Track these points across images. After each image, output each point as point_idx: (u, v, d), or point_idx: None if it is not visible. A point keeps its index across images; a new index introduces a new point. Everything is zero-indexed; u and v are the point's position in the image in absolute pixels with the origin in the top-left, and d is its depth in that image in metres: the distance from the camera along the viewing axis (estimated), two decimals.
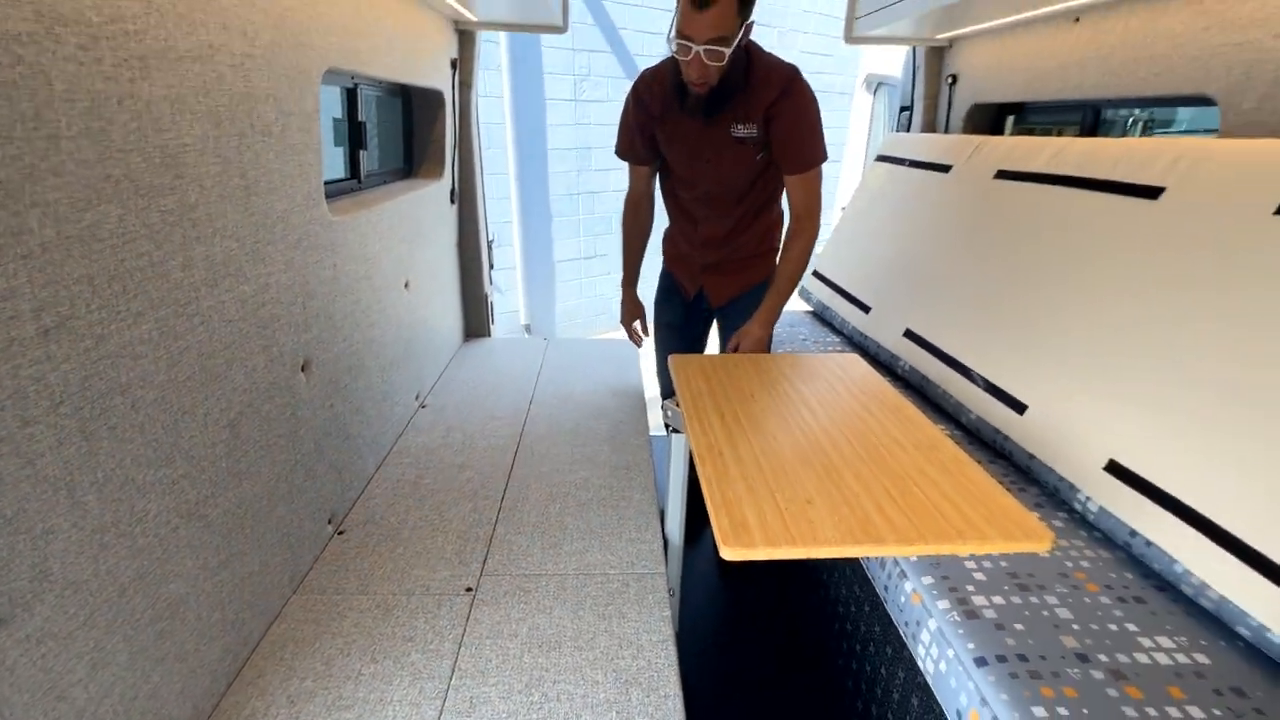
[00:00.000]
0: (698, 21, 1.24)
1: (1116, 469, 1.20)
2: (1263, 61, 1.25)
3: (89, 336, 0.75)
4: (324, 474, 1.38)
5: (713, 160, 1.53)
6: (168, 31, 0.83)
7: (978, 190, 1.85)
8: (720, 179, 1.57)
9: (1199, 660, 0.95)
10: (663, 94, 1.53)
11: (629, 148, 1.67)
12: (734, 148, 1.49)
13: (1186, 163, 1.26)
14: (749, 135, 1.47)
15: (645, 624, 1.20)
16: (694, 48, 1.27)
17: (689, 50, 1.29)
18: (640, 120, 1.60)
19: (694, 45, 1.27)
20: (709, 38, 1.26)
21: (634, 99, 1.61)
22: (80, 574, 0.75)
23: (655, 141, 1.62)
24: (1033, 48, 1.91)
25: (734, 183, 1.58)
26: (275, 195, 1.13)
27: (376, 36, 1.54)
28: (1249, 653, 0.97)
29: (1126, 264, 1.31)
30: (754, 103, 1.45)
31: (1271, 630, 0.93)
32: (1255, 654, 0.96)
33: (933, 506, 0.92)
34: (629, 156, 1.70)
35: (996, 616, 1.04)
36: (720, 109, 1.44)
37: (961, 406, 1.63)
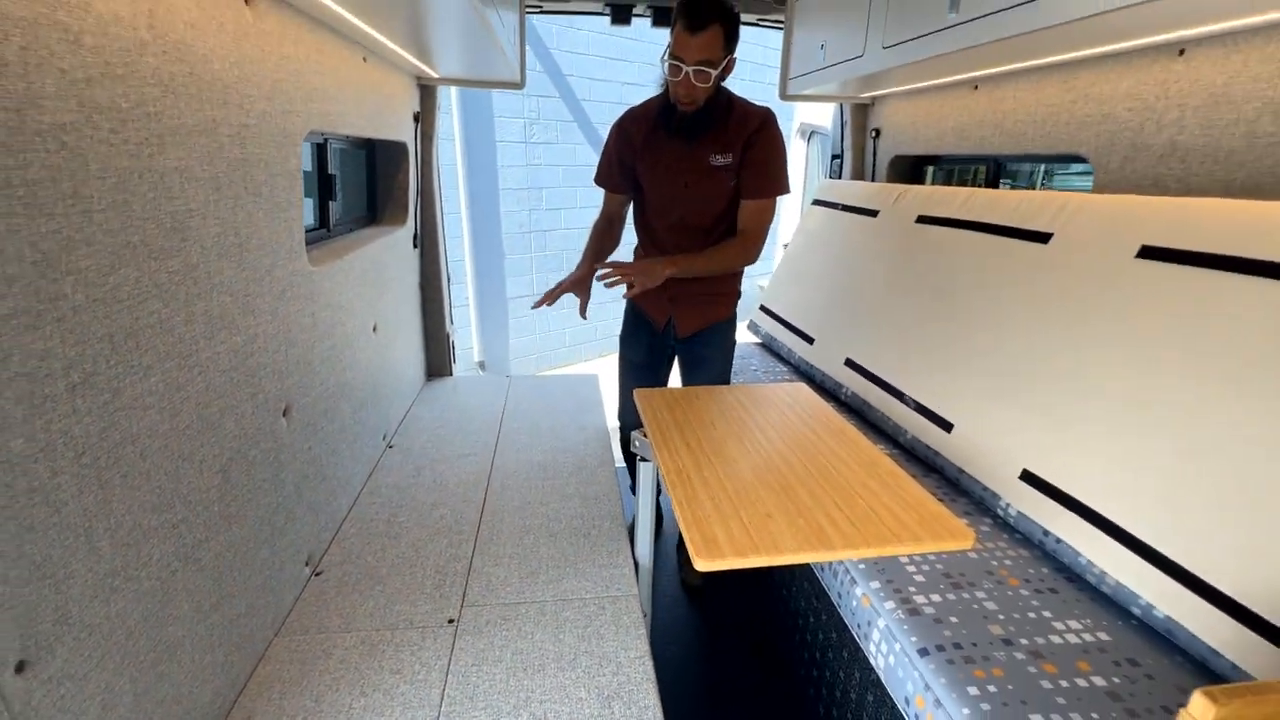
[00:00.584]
0: (689, 44, 1.44)
1: (1029, 477, 1.38)
2: (1120, 130, 1.50)
3: (107, 390, 0.80)
4: (302, 515, 1.41)
5: (691, 185, 1.69)
6: (180, 110, 0.91)
7: (902, 232, 2.07)
8: (696, 205, 1.72)
9: (1102, 638, 1.11)
10: (647, 127, 1.71)
11: (608, 175, 1.83)
12: (711, 174, 1.67)
13: (1068, 213, 1.49)
14: (726, 164, 1.65)
15: (622, 643, 1.28)
16: (684, 68, 1.46)
17: (680, 70, 1.47)
18: (621, 152, 1.76)
19: (685, 65, 1.46)
20: (698, 59, 1.45)
21: (618, 131, 1.78)
22: (94, 617, 0.79)
23: (632, 174, 1.78)
24: (942, 109, 2.17)
25: (708, 209, 1.73)
26: (264, 250, 1.19)
27: (349, 98, 1.63)
28: (1141, 629, 1.13)
29: (1027, 297, 1.52)
30: (732, 136, 1.64)
31: (1157, 608, 1.10)
32: (1146, 629, 1.13)
33: (874, 515, 1.05)
34: (606, 184, 1.85)
35: (935, 612, 1.18)
36: (703, 131, 1.61)
37: (899, 428, 1.80)
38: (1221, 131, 1.28)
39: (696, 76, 1.47)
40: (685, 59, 1.46)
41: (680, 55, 1.46)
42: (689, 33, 1.43)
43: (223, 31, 1.02)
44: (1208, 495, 1.06)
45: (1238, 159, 1.25)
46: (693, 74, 1.46)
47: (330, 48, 1.49)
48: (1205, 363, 1.12)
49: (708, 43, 1.43)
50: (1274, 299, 1.05)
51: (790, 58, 2.47)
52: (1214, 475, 1.06)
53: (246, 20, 1.09)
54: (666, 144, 1.68)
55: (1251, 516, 0.99)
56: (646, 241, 1.92)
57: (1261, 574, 0.96)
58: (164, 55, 0.87)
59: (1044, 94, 1.72)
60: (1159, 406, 1.17)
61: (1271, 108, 1.18)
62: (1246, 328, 1.07)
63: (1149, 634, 1.12)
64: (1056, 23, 1.17)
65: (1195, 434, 1.10)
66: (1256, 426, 1.02)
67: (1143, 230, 1.29)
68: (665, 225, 1.80)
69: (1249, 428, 1.02)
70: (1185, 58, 1.33)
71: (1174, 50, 1.36)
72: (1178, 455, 1.12)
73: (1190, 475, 1.09)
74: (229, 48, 1.04)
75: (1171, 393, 1.15)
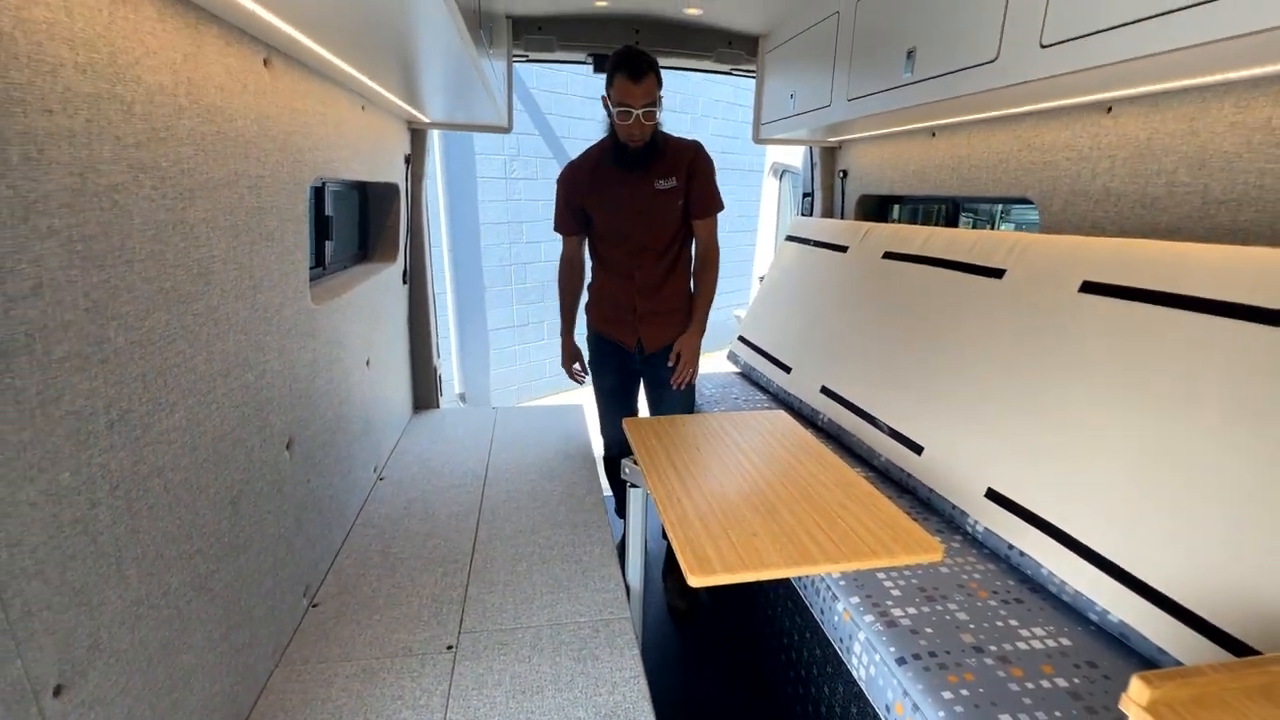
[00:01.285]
0: (634, 91, 1.70)
1: (994, 495, 1.48)
2: (1061, 176, 1.65)
3: (139, 426, 0.85)
4: (301, 547, 1.45)
5: (645, 210, 1.92)
6: (209, 167, 0.98)
7: (870, 267, 2.21)
8: (651, 227, 1.94)
9: (1063, 643, 1.20)
10: (590, 171, 1.95)
11: (564, 221, 2.05)
12: (660, 197, 1.91)
13: (1018, 251, 1.63)
14: (671, 187, 1.90)
15: (617, 664, 1.33)
16: (634, 111, 1.72)
17: (630, 114, 1.73)
18: (570, 198, 1.99)
19: (634, 109, 1.72)
20: (644, 103, 1.72)
21: (565, 181, 2.00)
22: (121, 643, 0.82)
23: (583, 216, 2.01)
24: (904, 154, 2.34)
25: (663, 230, 1.95)
26: (274, 291, 1.26)
27: (348, 145, 1.72)
28: (1099, 633, 1.23)
29: (984, 328, 1.65)
30: (672, 163, 1.89)
31: (1111, 613, 1.19)
32: (1102, 634, 1.22)
33: (852, 532, 1.14)
34: (564, 229, 2.07)
35: (911, 623, 1.26)
36: (650, 160, 1.86)
37: (873, 451, 1.91)
38: (1147, 180, 1.43)
39: (645, 117, 1.73)
40: (633, 104, 1.71)
41: (628, 102, 1.71)
42: (632, 81, 1.68)
43: (246, 92, 1.10)
44: (1151, 507, 1.17)
45: (1161, 205, 1.40)
46: (642, 115, 1.73)
47: (333, 99, 1.59)
48: (1143, 388, 1.24)
49: (648, 88, 1.70)
50: (1199, 330, 1.18)
51: (762, 105, 2.64)
52: (1155, 489, 1.17)
53: (265, 80, 1.18)
54: (614, 180, 1.91)
55: (1188, 524, 1.10)
56: (608, 271, 2.08)
57: (1196, 575, 1.07)
58: (198, 118, 0.95)
59: (994, 142, 1.88)
60: (1105, 428, 1.29)
61: (1186, 161, 1.34)
62: (1177, 356, 1.20)
63: (1105, 638, 1.21)
64: (997, 86, 1.31)
65: (1137, 452, 1.22)
66: (1189, 443, 1.13)
67: (1084, 267, 1.43)
68: (624, 252, 1.99)
69: (1188, 446, 1.14)
70: (1113, 115, 1.50)
71: (1103, 108, 1.52)
72: (1124, 472, 1.23)
73: (1135, 490, 1.20)
74: (251, 106, 1.12)
75: (1115, 415, 1.27)
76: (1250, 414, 1.06)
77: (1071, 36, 1.15)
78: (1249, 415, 1.06)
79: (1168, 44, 1.00)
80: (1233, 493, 1.05)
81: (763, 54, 2.62)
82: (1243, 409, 1.07)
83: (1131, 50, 1.05)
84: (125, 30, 0.78)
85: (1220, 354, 1.13)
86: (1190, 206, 1.34)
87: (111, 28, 0.76)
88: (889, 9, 1.72)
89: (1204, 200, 1.32)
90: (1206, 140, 1.30)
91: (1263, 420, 1.04)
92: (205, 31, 0.97)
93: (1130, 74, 1.25)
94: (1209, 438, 1.11)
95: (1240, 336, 1.11)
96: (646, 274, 2.01)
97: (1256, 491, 1.02)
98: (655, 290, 2.03)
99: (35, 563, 0.68)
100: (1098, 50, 1.11)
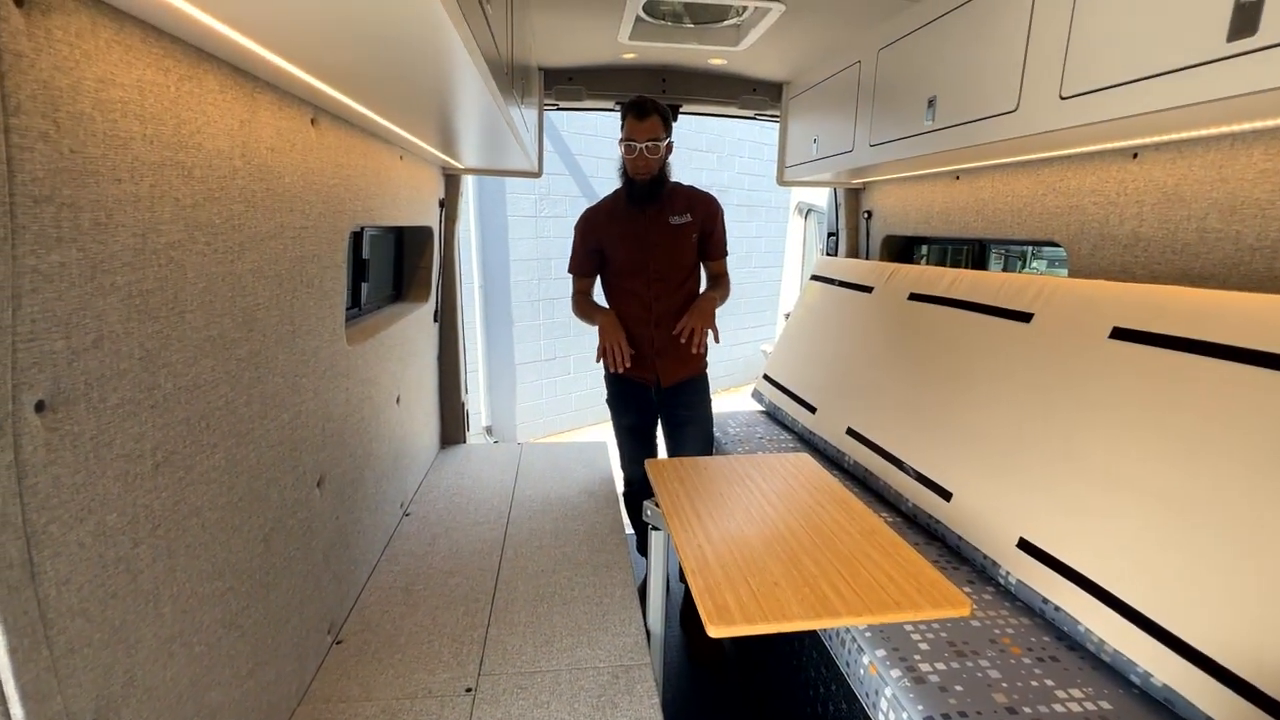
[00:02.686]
0: (639, 128, 1.94)
1: (1026, 546, 1.44)
2: (1089, 220, 1.64)
3: (181, 468, 0.90)
4: (328, 584, 1.47)
5: (659, 242, 2.07)
6: (257, 221, 1.04)
7: (896, 308, 2.20)
8: (668, 257, 2.08)
9: (1103, 706, 1.15)
10: (608, 213, 2.11)
11: (581, 263, 2.19)
12: (674, 231, 2.07)
13: (1046, 295, 1.61)
14: (685, 222, 2.08)
15: (635, 712, 1.31)
16: (638, 145, 1.94)
17: (634, 148, 1.94)
18: (587, 240, 2.14)
19: (638, 144, 1.94)
20: (647, 138, 1.93)
21: (582, 226, 2.16)
22: (154, 680, 0.85)
23: (599, 258, 2.15)
24: (928, 196, 2.35)
25: (678, 260, 2.09)
26: (311, 335, 1.31)
27: (385, 193, 1.81)
28: (1141, 698, 1.17)
29: (1012, 372, 1.62)
30: (684, 204, 2.07)
31: (1154, 676, 1.14)
32: (1145, 698, 1.17)
33: (875, 583, 1.12)
34: (579, 271, 2.21)
35: (940, 680, 1.21)
36: (659, 194, 2.02)
37: (900, 495, 1.87)
38: (1177, 226, 1.41)
39: (649, 151, 1.94)
40: (637, 139, 1.94)
41: (633, 137, 1.94)
42: (638, 120, 1.93)
43: (294, 150, 1.18)
44: (1191, 563, 1.12)
45: (1192, 251, 1.38)
46: (645, 150, 1.94)
47: (373, 150, 1.67)
48: (1175, 438, 1.20)
49: (651, 126, 1.93)
50: (1234, 380, 1.15)
51: (786, 148, 2.69)
52: (1189, 543, 1.12)
53: (312, 138, 1.26)
54: (631, 217, 2.07)
55: (1236, 584, 1.05)
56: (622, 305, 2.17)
57: (1239, 636, 1.01)
58: (250, 177, 1.01)
59: (1017, 186, 1.88)
60: (1137, 479, 1.25)
61: (1217, 207, 1.32)
62: (1210, 405, 1.17)
63: (1149, 702, 1.16)
64: (1017, 135, 1.33)
65: (1170, 505, 1.18)
66: (1229, 497, 1.09)
67: (1114, 313, 1.41)
68: (642, 282, 2.11)
69: (1223, 498, 1.10)
70: (1139, 160, 1.49)
71: (1128, 154, 1.52)
72: (1158, 525, 1.19)
73: (1169, 543, 1.16)
74: (298, 163, 1.20)
75: (1148, 465, 1.24)
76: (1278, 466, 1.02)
77: (1091, 89, 1.16)
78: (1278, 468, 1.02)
79: (1188, 98, 1.01)
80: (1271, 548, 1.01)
81: (786, 100, 2.68)
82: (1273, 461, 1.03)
83: (1152, 103, 1.06)
84: (189, 104, 0.85)
85: (1255, 404, 1.10)
86: (1223, 253, 1.32)
87: (178, 101, 0.82)
88: (910, 59, 1.76)
89: (1236, 247, 1.29)
90: (1236, 187, 1.29)
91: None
92: (260, 98, 1.04)
93: (1154, 124, 1.25)
94: (1243, 491, 1.07)
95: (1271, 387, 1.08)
96: (664, 305, 2.10)
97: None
98: (671, 322, 2.10)
99: (80, 600, 0.72)
100: (1118, 103, 1.12)
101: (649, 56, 2.44)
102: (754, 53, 2.27)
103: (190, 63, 0.84)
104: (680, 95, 2.65)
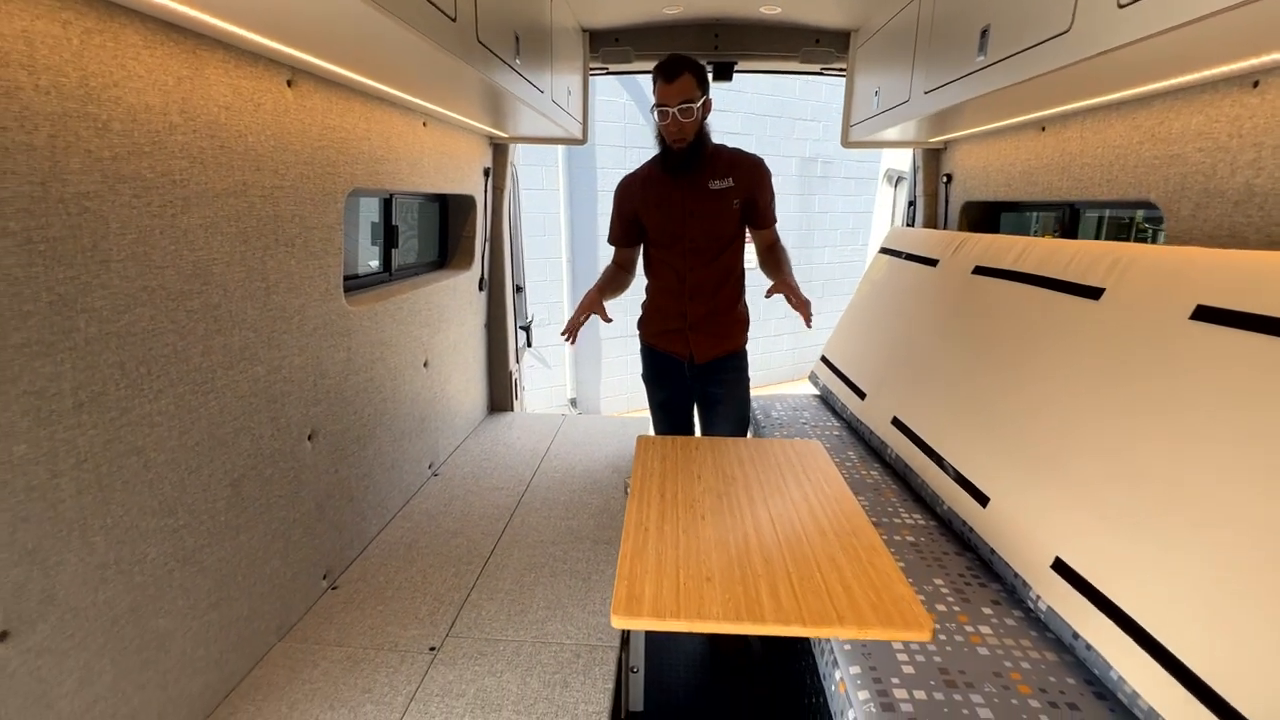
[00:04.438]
0: (669, 91, 1.74)
1: (1062, 567, 1.19)
2: (1192, 173, 1.30)
3: (115, 409, 0.95)
4: (323, 533, 1.55)
5: (696, 210, 1.90)
6: (208, 178, 1.08)
7: (958, 284, 1.92)
8: (705, 227, 1.91)
9: None
10: (644, 180, 1.96)
11: (620, 234, 2.05)
12: (714, 198, 1.89)
13: (1121, 267, 1.31)
14: (726, 187, 1.88)
15: (586, 694, 1.25)
16: (670, 110, 1.74)
17: (667, 114, 1.74)
18: (623, 209, 2.00)
19: (670, 108, 1.74)
20: (679, 101, 1.73)
21: (620, 194, 2.02)
22: (80, 601, 0.92)
23: (637, 226, 2.00)
24: (1010, 153, 2.01)
25: (717, 229, 1.91)
26: (294, 293, 1.36)
27: (402, 159, 1.83)
28: None
29: (1071, 360, 1.34)
30: (726, 167, 1.87)
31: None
32: None
33: (827, 592, 0.97)
34: (619, 242, 2.06)
35: (913, 711, 1.04)
36: (695, 162, 1.84)
37: (936, 496, 1.64)
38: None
39: (682, 114, 1.75)
40: (669, 103, 1.74)
41: (664, 102, 1.74)
42: (667, 82, 1.73)
43: (260, 110, 1.21)
44: (1256, 611, 0.86)
45: None
46: (678, 113, 1.74)
47: (378, 115, 1.70)
48: (1260, 449, 0.92)
49: (683, 87, 1.73)
50: None
51: (851, 106, 2.42)
52: (1262, 587, 0.86)
53: (287, 99, 1.29)
54: (667, 184, 1.91)
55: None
56: (661, 277, 2.03)
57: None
58: (194, 134, 1.05)
59: (1109, 135, 1.54)
60: (1205, 499, 0.97)
61: None
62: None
63: None
64: (1071, 61, 1.06)
65: (1246, 537, 0.90)
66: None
67: (1200, 288, 1.11)
68: (676, 253, 1.96)
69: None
70: (1260, 90, 1.15)
71: (1248, 82, 1.17)
72: (1228, 561, 0.92)
73: (1239, 587, 0.89)
74: (266, 123, 1.23)
75: (1220, 484, 0.96)
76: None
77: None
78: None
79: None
80: None
81: (854, 50, 2.40)
82: None
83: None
84: (99, 56, 0.88)
85: None
86: None
87: (83, 54, 0.86)
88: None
89: None
90: None
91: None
92: (206, 56, 1.07)
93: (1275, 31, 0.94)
94: None
95: None
96: (698, 276, 1.95)
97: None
98: (707, 296, 1.95)
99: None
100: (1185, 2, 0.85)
101: (696, 10, 2.28)
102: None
103: (98, 16, 0.87)
104: (735, 51, 2.46)
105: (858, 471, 1.97)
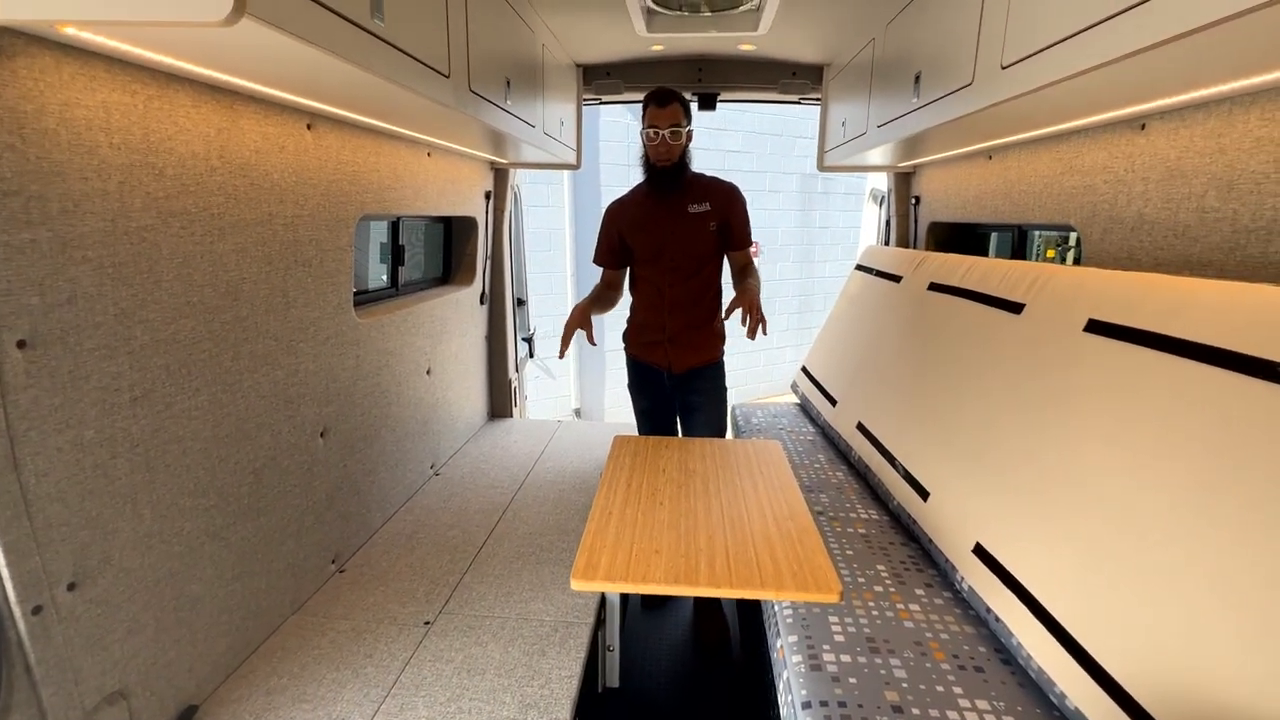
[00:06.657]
0: (661, 115, 1.96)
1: (981, 552, 1.34)
2: (1100, 202, 1.46)
3: (161, 403, 1.15)
4: (332, 521, 1.73)
5: (676, 231, 2.09)
6: (239, 211, 1.28)
7: (915, 299, 2.08)
8: (683, 245, 2.10)
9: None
10: (631, 204, 2.15)
11: (606, 255, 2.21)
12: (692, 220, 2.08)
13: (1039, 285, 1.47)
14: (703, 211, 2.08)
15: (559, 662, 1.42)
16: (661, 131, 1.96)
17: (658, 134, 1.96)
18: (610, 231, 2.17)
19: (661, 130, 1.96)
20: (669, 124, 1.96)
21: (609, 217, 2.19)
22: (130, 564, 1.11)
23: (622, 248, 2.17)
24: (965, 178, 2.18)
25: (694, 249, 2.09)
26: (310, 307, 1.56)
27: (407, 186, 2.04)
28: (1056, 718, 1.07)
29: (995, 368, 1.50)
30: (703, 192, 2.07)
31: (1069, 698, 1.04)
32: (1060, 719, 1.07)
33: (755, 562, 1.13)
34: (605, 263, 2.22)
35: (837, 671, 1.20)
36: (678, 182, 2.04)
37: (889, 493, 1.79)
38: (1178, 205, 1.23)
39: (671, 137, 1.96)
40: (660, 125, 1.96)
41: (655, 124, 1.96)
42: (660, 108, 1.95)
43: (284, 151, 1.41)
44: (1115, 583, 1.01)
45: (1192, 234, 1.20)
46: (668, 135, 1.96)
47: (387, 149, 1.91)
48: (1131, 445, 1.08)
49: (673, 113, 1.96)
50: (1187, 381, 1.01)
51: (825, 133, 2.60)
52: (1131, 564, 1.01)
53: (307, 141, 1.49)
54: (651, 208, 2.10)
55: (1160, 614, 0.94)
56: (643, 293, 2.20)
57: (1154, 669, 0.91)
58: (229, 174, 1.25)
59: (1039, 165, 1.71)
60: (1090, 488, 1.13)
61: (1215, 183, 1.14)
62: (1162, 410, 1.03)
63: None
64: (972, 110, 1.24)
65: (1116, 520, 1.06)
66: (1175, 516, 0.97)
67: (1091, 304, 1.27)
68: (657, 270, 2.14)
69: (1164, 518, 0.98)
70: (1146, 132, 1.31)
71: (1136, 124, 1.34)
72: (1099, 539, 1.07)
73: (1110, 562, 1.04)
74: (290, 162, 1.43)
75: (1101, 475, 1.12)
76: (1227, 481, 0.89)
77: (1025, 55, 1.07)
78: (1225, 483, 0.89)
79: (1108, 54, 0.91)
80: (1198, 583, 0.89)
81: (827, 82, 2.59)
82: (1219, 476, 0.90)
83: (1076, 64, 0.96)
84: (159, 117, 1.08)
85: (1212, 411, 0.96)
86: (1220, 235, 1.14)
87: (147, 115, 1.06)
88: (907, 33, 1.67)
89: (1234, 228, 1.11)
90: (1234, 158, 1.11)
91: (1234, 491, 0.87)
92: (241, 109, 1.28)
93: (1156, 85, 1.10)
94: (1188, 511, 0.94)
95: (1226, 390, 0.94)
96: (677, 292, 2.12)
97: (1219, 584, 0.86)
98: (684, 310, 2.12)
99: (58, 490, 0.97)
100: (1049, 67, 1.02)
101: (679, 47, 2.48)
102: (781, 36, 2.23)
103: (159, 85, 1.07)
104: (717, 83, 2.66)
105: (825, 472, 2.12)
